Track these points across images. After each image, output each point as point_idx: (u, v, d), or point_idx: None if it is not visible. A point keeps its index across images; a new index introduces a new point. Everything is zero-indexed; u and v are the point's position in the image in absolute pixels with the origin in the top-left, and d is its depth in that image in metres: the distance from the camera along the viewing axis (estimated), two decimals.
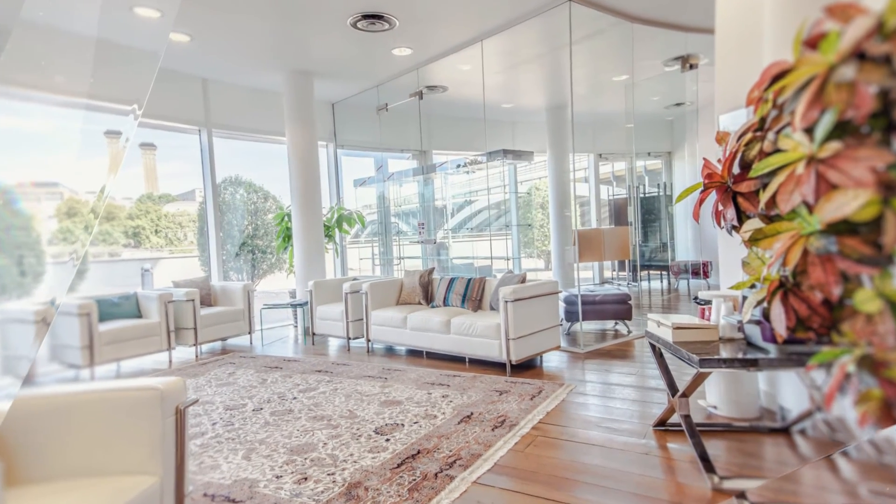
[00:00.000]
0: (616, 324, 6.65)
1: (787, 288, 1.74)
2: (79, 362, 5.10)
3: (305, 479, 2.71)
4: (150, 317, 5.78)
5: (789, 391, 3.14)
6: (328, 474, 2.74)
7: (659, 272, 9.74)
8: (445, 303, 5.68)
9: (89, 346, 5.10)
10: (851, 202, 1.27)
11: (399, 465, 2.82)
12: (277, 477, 2.75)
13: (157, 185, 7.30)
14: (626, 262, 9.41)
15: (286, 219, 7.78)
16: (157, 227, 7.36)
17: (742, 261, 2.35)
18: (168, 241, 7.57)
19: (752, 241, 1.95)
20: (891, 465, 2.53)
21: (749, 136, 2.04)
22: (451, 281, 5.73)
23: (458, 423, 3.44)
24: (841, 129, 1.33)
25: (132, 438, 1.75)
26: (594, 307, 6.01)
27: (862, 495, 2.49)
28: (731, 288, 2.63)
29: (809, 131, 1.45)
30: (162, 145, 7.23)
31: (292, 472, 2.79)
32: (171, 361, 5.81)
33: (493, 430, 3.29)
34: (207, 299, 6.63)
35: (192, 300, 5.96)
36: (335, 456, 2.98)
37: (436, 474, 2.70)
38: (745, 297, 2.52)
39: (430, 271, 6.12)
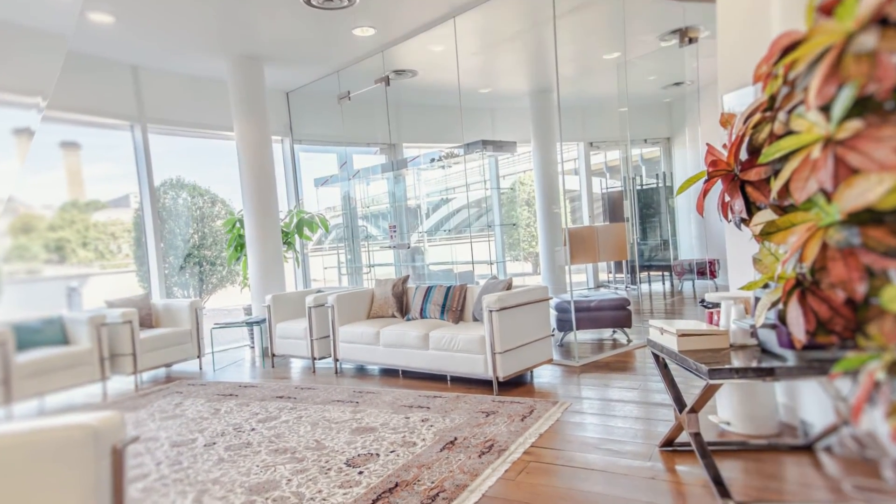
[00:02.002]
0: (614, 332, 6.70)
1: (804, 287, 1.76)
2: None
3: None
4: (78, 343, 5.62)
5: (811, 403, 3.18)
6: None
7: (660, 273, 9.86)
8: (422, 315, 5.65)
9: (4, 380, 4.93)
10: (875, 188, 1.28)
11: (374, 501, 2.77)
12: None
13: (82, 190, 7.12)
14: (624, 262, 9.52)
15: (238, 225, 7.67)
16: (84, 240, 7.18)
17: (753, 258, 2.38)
18: (99, 254, 7.39)
19: (764, 235, 1.97)
20: (874, 460, 2.58)
21: (757, 117, 2.06)
22: (429, 290, 5.70)
23: (441, 450, 3.40)
24: (861, 106, 1.34)
25: (60, 486, 1.68)
26: (589, 314, 6.04)
27: (846, 490, 2.53)
28: (742, 289, 2.65)
29: (826, 109, 1.46)
30: (87, 144, 7.05)
31: None
32: (105, 394, 5.66)
33: (479, 456, 3.26)
34: (148, 320, 6.48)
35: (130, 322, 5.82)
36: (301, 494, 2.92)
37: None
38: (757, 299, 2.55)
39: (405, 280, 6.08)
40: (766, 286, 2.26)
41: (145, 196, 7.31)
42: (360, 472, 3.14)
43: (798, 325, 1.67)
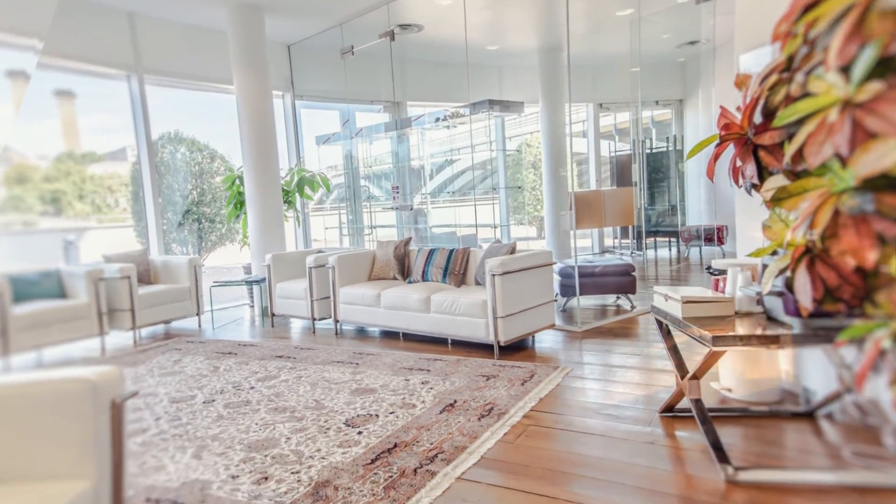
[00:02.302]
0: (618, 298, 6.73)
1: (813, 254, 1.75)
2: None
3: (266, 478, 2.71)
4: (76, 297, 5.67)
5: (815, 371, 3.21)
6: (292, 473, 2.75)
7: (667, 239, 9.84)
8: (424, 277, 5.67)
9: (1, 332, 4.99)
10: (893, 152, 1.26)
11: (373, 461, 2.83)
12: (233, 477, 2.74)
13: (78, 141, 7.06)
14: (630, 228, 9.49)
15: (237, 182, 7.64)
16: (81, 192, 7.16)
17: (763, 224, 2.36)
18: (95, 208, 7.39)
19: (775, 201, 1.95)
20: (875, 428, 2.62)
21: (774, 78, 2.02)
22: (431, 253, 5.71)
23: (440, 412, 3.46)
24: (883, 67, 1.31)
25: (59, 438, 1.72)
26: (593, 280, 6.06)
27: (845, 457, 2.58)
28: (750, 255, 2.65)
29: (846, 70, 1.42)
30: (82, 94, 6.97)
31: (251, 472, 2.79)
32: (104, 348, 5.73)
33: (479, 419, 3.32)
34: (146, 276, 6.52)
35: (128, 277, 5.86)
36: (300, 452, 2.99)
37: (415, 470, 2.72)
38: (765, 266, 2.54)
39: (407, 242, 6.09)
40: (774, 253, 2.25)
41: (143, 149, 7.27)
42: (360, 433, 3.20)
43: (805, 293, 1.67)
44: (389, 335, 5.67)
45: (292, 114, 8.72)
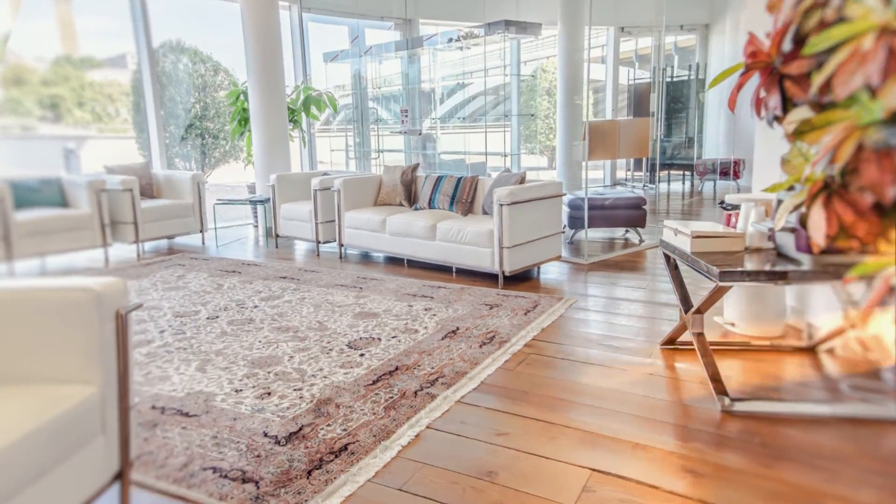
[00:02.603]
0: (627, 232, 6.72)
1: (831, 190, 1.72)
2: None
3: (269, 393, 2.80)
4: (78, 207, 5.70)
5: (820, 307, 3.24)
6: (294, 389, 2.84)
7: (681, 172, 9.70)
8: (431, 205, 5.66)
9: (4, 236, 5.04)
10: None
11: (374, 382, 2.92)
12: (237, 391, 2.84)
13: (76, 44, 6.88)
14: (644, 160, 9.36)
15: (241, 98, 7.52)
16: (80, 99, 7.06)
17: (781, 158, 2.32)
18: (96, 116, 7.31)
19: (797, 134, 1.91)
20: (875, 364, 2.68)
21: (809, 1, 1.93)
22: (439, 180, 5.67)
23: (442, 338, 3.53)
24: None
25: (64, 345, 1.77)
26: (603, 213, 6.04)
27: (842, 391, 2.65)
28: (766, 190, 2.62)
29: None
30: None
31: (254, 387, 2.88)
32: (107, 260, 5.82)
33: (480, 346, 3.39)
34: (149, 190, 6.54)
35: (130, 190, 5.87)
36: (302, 370, 3.07)
37: (415, 392, 2.80)
38: (779, 201, 2.52)
39: (414, 168, 6.04)
40: (790, 189, 2.23)
41: (143, 57, 7.12)
42: (362, 355, 3.28)
43: (819, 229, 1.65)
44: (394, 261, 5.72)
45: (299, 27, 8.47)
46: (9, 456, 1.43)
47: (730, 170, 8.57)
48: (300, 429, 2.47)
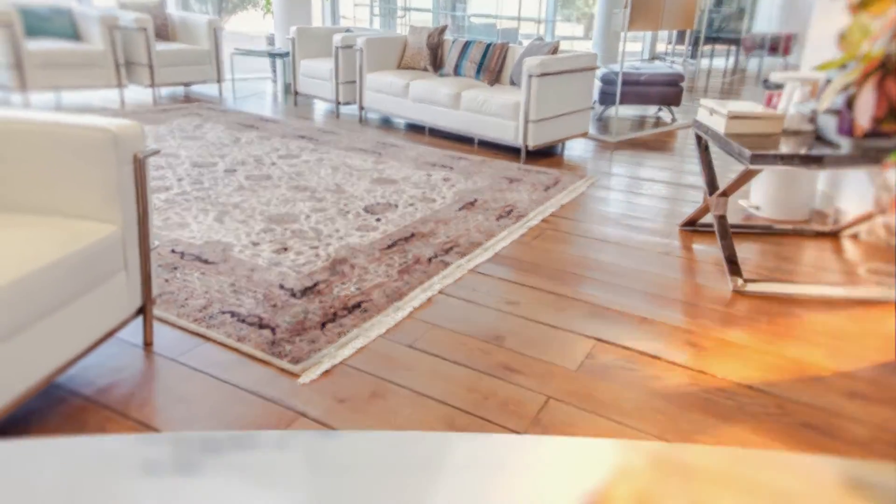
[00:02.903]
0: (660, 110, 6.51)
1: (888, 69, 1.63)
2: (7, 83, 5.04)
3: (285, 249, 2.88)
4: (90, 42, 5.58)
5: (852, 193, 3.18)
6: (311, 247, 2.91)
7: (726, 47, 9.13)
8: (457, 72, 5.47)
9: (17, 64, 4.98)
10: None
11: (390, 247, 2.97)
12: (254, 244, 2.91)
13: None
14: (688, 32, 8.82)
15: None
16: None
17: (838, 33, 2.18)
18: None
19: (862, 5, 1.77)
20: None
21: None
22: (466, 45, 5.44)
23: (459, 209, 3.54)
24: None
25: (82, 182, 1.79)
26: (636, 88, 5.81)
27: (860, 274, 2.68)
28: (816, 69, 2.48)
29: None
30: None
31: (271, 241, 2.95)
32: (123, 101, 5.78)
33: (497, 219, 3.41)
34: (164, 32, 6.35)
35: (145, 29, 5.70)
36: (319, 230, 3.13)
37: (429, 259, 2.86)
38: (828, 81, 2.39)
39: (442, 31, 5.77)
40: (843, 67, 2.10)
41: None
42: (378, 220, 3.32)
43: (866, 111, 1.58)
44: (415, 128, 5.63)
45: None
46: (36, 280, 1.51)
47: (779, 45, 8.04)
48: (315, 284, 2.55)
